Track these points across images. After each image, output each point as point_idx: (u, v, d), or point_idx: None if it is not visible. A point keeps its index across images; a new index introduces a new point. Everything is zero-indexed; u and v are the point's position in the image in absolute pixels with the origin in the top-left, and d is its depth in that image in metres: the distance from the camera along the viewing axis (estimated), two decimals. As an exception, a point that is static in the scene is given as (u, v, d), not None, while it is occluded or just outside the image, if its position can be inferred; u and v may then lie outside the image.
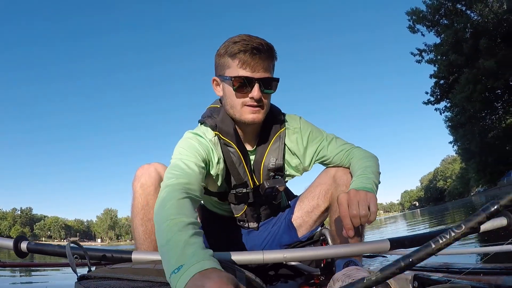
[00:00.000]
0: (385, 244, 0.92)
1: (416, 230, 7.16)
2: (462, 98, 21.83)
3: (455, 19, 22.98)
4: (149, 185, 1.06)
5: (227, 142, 1.12)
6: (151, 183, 1.06)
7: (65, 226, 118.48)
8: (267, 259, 0.90)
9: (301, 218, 1.28)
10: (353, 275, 0.92)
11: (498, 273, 1.02)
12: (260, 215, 1.29)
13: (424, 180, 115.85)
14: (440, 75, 25.21)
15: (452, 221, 8.51)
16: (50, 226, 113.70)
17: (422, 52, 25.94)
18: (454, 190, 69.72)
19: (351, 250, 0.92)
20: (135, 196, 1.08)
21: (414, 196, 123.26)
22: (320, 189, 1.23)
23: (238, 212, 1.25)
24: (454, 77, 23.74)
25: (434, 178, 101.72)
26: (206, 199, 1.32)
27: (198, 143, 1.06)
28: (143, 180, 1.06)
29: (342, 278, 0.94)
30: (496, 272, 1.05)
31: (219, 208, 1.32)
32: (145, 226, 1.05)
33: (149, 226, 1.05)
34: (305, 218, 1.27)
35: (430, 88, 26.62)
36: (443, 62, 23.59)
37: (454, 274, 1.11)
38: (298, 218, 1.28)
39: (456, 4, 23.00)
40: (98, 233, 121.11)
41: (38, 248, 0.96)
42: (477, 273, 1.04)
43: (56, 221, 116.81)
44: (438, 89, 26.16)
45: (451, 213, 12.89)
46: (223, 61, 1.07)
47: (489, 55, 20.05)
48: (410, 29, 25.60)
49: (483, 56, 20.45)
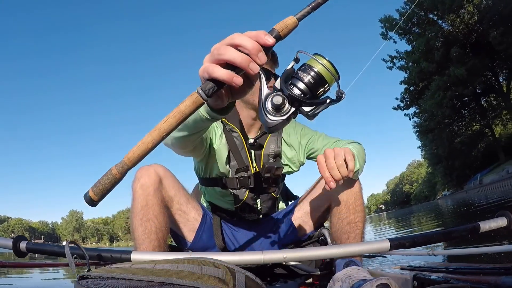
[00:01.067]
0: (385, 244, 0.92)
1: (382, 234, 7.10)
2: (432, 104, 22.63)
3: (427, 28, 23.83)
4: (149, 186, 1.07)
5: (232, 127, 1.24)
6: (151, 184, 1.08)
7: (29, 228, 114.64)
8: (267, 260, 0.89)
9: (301, 219, 1.28)
10: (354, 276, 0.92)
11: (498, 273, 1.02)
12: (260, 208, 1.33)
13: (390, 184, 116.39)
14: (410, 81, 26.26)
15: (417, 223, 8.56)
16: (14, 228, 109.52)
17: (393, 58, 27.12)
18: (420, 193, 71.25)
19: (351, 250, 0.92)
20: (134, 197, 1.09)
21: (381, 199, 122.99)
22: (319, 190, 1.24)
23: (240, 198, 1.29)
24: (424, 84, 24.69)
25: (400, 182, 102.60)
26: (210, 192, 1.36)
27: None
28: (143, 181, 1.08)
29: (342, 279, 0.94)
30: (496, 272, 1.05)
31: (222, 200, 1.34)
32: (144, 226, 1.06)
33: (148, 226, 1.06)
34: (304, 219, 1.28)
35: (400, 94, 28.06)
36: (414, 69, 24.44)
37: (454, 274, 1.11)
38: (298, 218, 1.29)
39: (429, 14, 24.31)
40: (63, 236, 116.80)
41: (37, 248, 0.96)
42: (477, 273, 1.04)
43: (20, 222, 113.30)
44: (408, 95, 27.42)
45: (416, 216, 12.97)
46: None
47: (459, 63, 20.87)
48: (383, 36, 26.78)
49: (453, 64, 21.31)
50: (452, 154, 29.33)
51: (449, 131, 27.26)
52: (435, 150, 29.51)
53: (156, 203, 1.07)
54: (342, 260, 1.03)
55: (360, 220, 1.12)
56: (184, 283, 0.63)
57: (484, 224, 0.96)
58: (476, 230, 0.94)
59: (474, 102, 26.42)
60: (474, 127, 28.95)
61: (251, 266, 1.12)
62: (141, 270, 0.65)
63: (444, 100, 22.30)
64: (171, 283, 0.63)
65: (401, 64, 26.83)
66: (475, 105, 27.00)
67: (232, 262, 0.81)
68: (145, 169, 1.11)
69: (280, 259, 0.90)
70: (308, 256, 0.98)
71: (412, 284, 1.02)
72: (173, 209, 1.19)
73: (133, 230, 1.08)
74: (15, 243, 0.95)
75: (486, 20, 20.85)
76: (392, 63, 27.11)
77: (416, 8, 23.53)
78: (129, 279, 0.62)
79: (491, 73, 23.61)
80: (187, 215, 1.23)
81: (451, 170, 33.00)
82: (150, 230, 1.05)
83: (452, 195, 33.10)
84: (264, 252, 0.90)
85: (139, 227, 1.06)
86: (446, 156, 29.66)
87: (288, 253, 0.91)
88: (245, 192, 1.29)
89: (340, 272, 0.99)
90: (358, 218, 1.12)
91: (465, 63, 20.97)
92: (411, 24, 25.15)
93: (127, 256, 0.88)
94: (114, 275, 0.63)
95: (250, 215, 1.33)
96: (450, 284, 0.89)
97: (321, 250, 0.97)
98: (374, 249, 0.97)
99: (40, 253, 0.97)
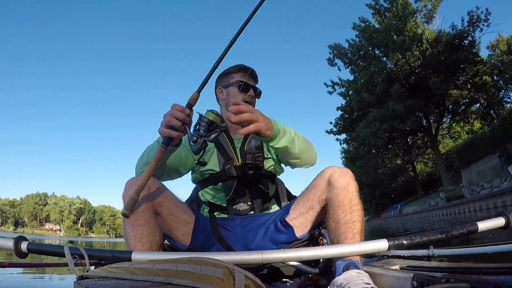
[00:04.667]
0: (383, 244, 0.93)
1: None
2: (367, 132, 23.91)
3: (372, 62, 25.62)
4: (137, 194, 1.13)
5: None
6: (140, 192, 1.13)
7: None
8: (266, 259, 0.90)
9: (296, 219, 1.29)
10: (354, 281, 0.92)
11: (497, 273, 1.02)
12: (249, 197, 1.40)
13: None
14: (346, 109, 28.00)
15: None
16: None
17: (335, 84, 28.74)
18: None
19: (350, 250, 0.93)
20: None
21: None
22: (314, 192, 1.25)
23: (229, 189, 1.38)
24: (360, 113, 26.48)
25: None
26: (206, 193, 1.46)
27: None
28: (132, 190, 1.12)
29: (342, 284, 0.94)
30: (496, 272, 1.04)
31: (216, 197, 1.42)
32: (136, 231, 1.10)
33: (140, 231, 1.10)
34: (300, 220, 1.29)
35: (335, 119, 29.62)
36: (355, 97, 25.89)
37: (453, 274, 1.11)
38: (293, 219, 1.29)
39: (375, 50, 25.96)
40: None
41: (38, 249, 0.97)
42: (476, 273, 1.04)
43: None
44: (342, 121, 28.96)
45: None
46: (227, 76, 1.54)
47: (398, 99, 22.55)
48: (329, 62, 28.57)
49: (392, 99, 22.93)
50: (374, 183, 32.24)
51: (375, 160, 29.36)
52: (359, 177, 31.20)
53: (145, 209, 1.12)
54: (342, 262, 1.03)
55: (358, 219, 1.12)
56: (184, 283, 0.63)
57: (482, 224, 0.96)
58: (474, 230, 0.95)
59: (401, 138, 28.81)
60: (397, 161, 31.82)
61: (250, 266, 1.12)
62: (140, 270, 0.66)
63: (379, 131, 23.82)
64: (170, 283, 0.63)
65: (341, 91, 28.74)
66: (401, 141, 29.62)
67: (231, 262, 0.81)
68: (134, 180, 1.17)
69: (280, 258, 0.91)
70: (307, 256, 0.98)
71: (412, 284, 1.02)
72: (164, 214, 1.22)
73: (126, 237, 1.12)
74: (16, 244, 0.96)
75: (429, 66, 22.92)
76: (333, 89, 29.00)
77: (365, 42, 25.57)
78: (128, 279, 0.62)
79: (422, 114, 25.49)
80: (178, 218, 1.26)
81: (371, 198, 37.24)
82: (142, 234, 1.09)
83: (370, 221, 34.88)
84: (263, 252, 0.90)
85: (131, 233, 1.10)
86: (368, 184, 32.13)
87: (287, 253, 0.91)
88: (233, 182, 1.38)
89: (340, 276, 0.99)
90: (355, 217, 1.12)
91: (403, 100, 22.66)
92: (358, 56, 26.95)
93: (127, 256, 0.89)
94: (113, 275, 0.63)
95: (241, 205, 1.38)
96: (450, 284, 0.89)
97: (320, 250, 0.97)
98: (372, 249, 0.97)
99: (41, 254, 0.98)
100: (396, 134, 26.44)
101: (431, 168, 35.69)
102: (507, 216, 0.93)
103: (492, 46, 27.71)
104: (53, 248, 0.95)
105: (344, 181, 1.16)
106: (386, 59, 26.16)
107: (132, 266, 0.68)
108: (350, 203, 1.13)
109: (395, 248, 0.95)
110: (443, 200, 18.66)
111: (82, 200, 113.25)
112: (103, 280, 0.62)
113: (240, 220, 1.36)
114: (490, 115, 26.53)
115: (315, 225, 1.31)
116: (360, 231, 1.11)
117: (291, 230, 1.29)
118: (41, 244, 0.99)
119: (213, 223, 1.34)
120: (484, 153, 17.79)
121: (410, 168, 32.61)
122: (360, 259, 1.07)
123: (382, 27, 24.16)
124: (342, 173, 1.19)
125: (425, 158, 34.33)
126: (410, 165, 32.25)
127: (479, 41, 23.35)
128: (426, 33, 24.31)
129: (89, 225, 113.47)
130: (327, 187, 1.20)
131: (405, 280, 1.04)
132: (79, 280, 0.62)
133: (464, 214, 13.89)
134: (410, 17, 23.58)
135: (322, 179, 1.23)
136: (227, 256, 0.89)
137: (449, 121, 29.37)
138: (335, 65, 28.36)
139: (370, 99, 24.11)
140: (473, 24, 22.71)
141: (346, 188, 1.15)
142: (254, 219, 1.37)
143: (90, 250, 0.88)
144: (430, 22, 24.89)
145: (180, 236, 1.27)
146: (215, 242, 1.30)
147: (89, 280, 0.62)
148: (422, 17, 24.67)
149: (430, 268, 1.32)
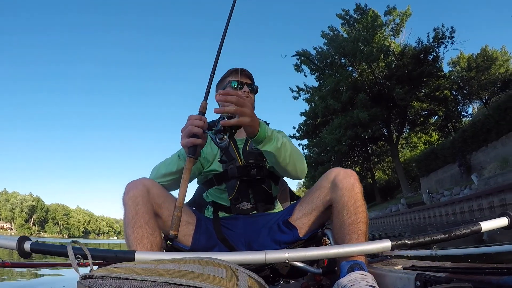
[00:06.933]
0: (386, 244, 0.93)
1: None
2: (332, 139, 24.24)
3: (338, 71, 26.13)
4: (137, 196, 1.16)
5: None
6: (139, 195, 1.16)
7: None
8: (269, 259, 0.90)
9: (300, 220, 1.29)
10: (358, 283, 0.92)
11: (501, 273, 1.02)
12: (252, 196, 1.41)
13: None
14: (310, 114, 28.28)
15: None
16: None
17: (300, 90, 28.90)
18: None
19: (352, 250, 0.92)
20: (125, 208, 1.16)
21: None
22: (319, 193, 1.24)
23: (232, 189, 1.39)
24: (324, 120, 26.91)
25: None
26: (211, 193, 1.47)
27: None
28: (131, 193, 1.16)
29: (347, 286, 0.94)
30: (499, 272, 1.04)
31: (220, 197, 1.44)
32: (136, 232, 1.11)
33: (140, 232, 1.11)
34: (303, 220, 1.29)
35: (298, 124, 29.82)
36: (320, 104, 26.18)
37: (456, 274, 1.11)
38: (297, 220, 1.29)
39: (342, 59, 26.50)
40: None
41: (41, 249, 0.97)
42: (479, 273, 1.03)
43: None
44: (305, 127, 29.21)
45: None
46: (223, 81, 1.57)
47: (363, 108, 23.10)
48: (296, 67, 28.79)
49: (357, 107, 23.43)
50: (334, 188, 32.88)
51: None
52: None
53: (145, 211, 1.14)
54: (347, 263, 1.02)
55: (362, 221, 1.11)
56: (187, 283, 0.63)
57: (485, 224, 0.96)
58: (477, 230, 0.94)
59: (361, 146, 29.36)
60: (357, 168, 31.92)
61: (253, 266, 1.12)
62: (143, 270, 0.66)
63: (344, 137, 24.22)
64: (173, 283, 0.63)
65: (307, 97, 28.86)
66: (361, 149, 30.11)
67: (234, 262, 0.81)
68: (133, 182, 1.19)
69: (283, 258, 0.90)
70: (310, 256, 0.98)
71: (415, 284, 1.02)
72: (164, 216, 1.22)
73: (127, 239, 1.13)
74: (20, 244, 0.96)
75: (394, 77, 23.68)
76: (298, 94, 29.21)
77: (333, 50, 26.17)
78: (131, 279, 0.62)
79: (383, 123, 26.06)
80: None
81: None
82: (142, 235, 1.11)
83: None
84: (266, 251, 0.90)
85: (132, 234, 1.11)
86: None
87: (290, 252, 0.91)
88: (236, 182, 1.40)
89: (344, 278, 0.98)
90: (360, 219, 1.11)
91: (368, 109, 23.11)
92: (324, 63, 27.53)
93: (130, 256, 0.89)
94: (116, 275, 0.63)
95: (244, 204, 1.40)
96: (453, 283, 0.89)
97: (323, 250, 0.97)
98: (375, 249, 0.97)
99: (44, 254, 0.98)
100: (358, 141, 27.04)
101: (389, 175, 36.78)
102: (510, 216, 0.93)
103: (453, 63, 28.98)
104: (56, 248, 0.95)
105: (349, 182, 1.15)
106: (352, 68, 26.78)
107: (135, 266, 0.68)
108: (355, 204, 1.12)
109: (398, 248, 0.95)
110: (404, 206, 19.15)
111: (34, 197, 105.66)
112: (106, 280, 0.62)
113: (243, 220, 1.36)
114: (448, 128, 27.89)
115: (319, 226, 1.31)
116: (365, 232, 1.11)
117: (294, 231, 1.28)
118: (44, 244, 0.99)
119: (216, 223, 1.34)
120: (443, 162, 18.88)
121: (369, 175, 33.37)
122: (365, 260, 1.06)
123: (351, 37, 24.76)
124: (347, 174, 1.18)
125: (384, 166, 35.32)
126: (369, 172, 33.15)
127: (443, 57, 24.37)
128: (393, 46, 25.23)
129: (41, 224, 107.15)
130: (332, 188, 1.19)
131: (408, 280, 1.04)
132: (82, 280, 0.62)
133: (425, 219, 14.24)
134: (379, 29, 24.38)
135: (327, 180, 1.22)
136: (230, 256, 0.89)
137: (408, 131, 30.33)
138: (301, 71, 28.82)
139: (335, 106, 24.67)
140: (438, 40, 23.50)
141: (351, 190, 1.14)
142: (257, 219, 1.37)
143: (93, 250, 0.88)
144: (397, 36, 25.99)
145: (182, 237, 1.27)
146: (218, 242, 1.30)
147: (92, 280, 0.62)
148: (390, 30, 25.56)
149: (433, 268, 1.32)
